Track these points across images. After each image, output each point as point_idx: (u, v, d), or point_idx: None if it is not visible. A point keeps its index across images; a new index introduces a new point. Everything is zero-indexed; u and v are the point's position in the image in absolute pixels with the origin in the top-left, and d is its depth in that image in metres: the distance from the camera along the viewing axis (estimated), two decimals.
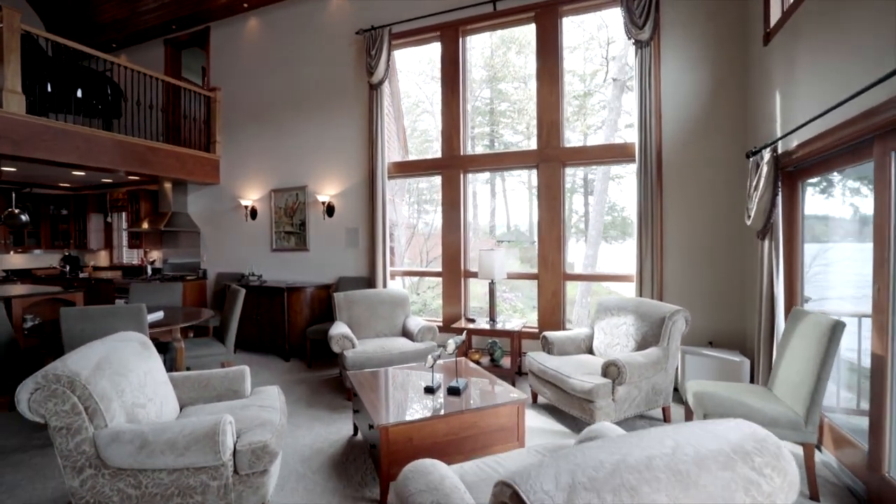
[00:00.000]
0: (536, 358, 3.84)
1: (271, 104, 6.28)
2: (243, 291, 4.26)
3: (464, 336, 3.07)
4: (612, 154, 4.64)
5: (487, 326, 4.59)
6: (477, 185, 10.50)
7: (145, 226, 6.94)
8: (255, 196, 6.39)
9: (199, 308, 5.36)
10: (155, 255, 7.49)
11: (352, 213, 5.67)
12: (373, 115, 5.39)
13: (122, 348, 2.35)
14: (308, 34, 5.99)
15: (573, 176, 9.52)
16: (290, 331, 5.33)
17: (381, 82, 5.34)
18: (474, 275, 5.21)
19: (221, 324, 4.39)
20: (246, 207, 6.35)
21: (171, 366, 3.85)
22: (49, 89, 5.19)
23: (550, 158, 4.78)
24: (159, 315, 4.08)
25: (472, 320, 4.78)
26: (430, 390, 2.93)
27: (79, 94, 5.74)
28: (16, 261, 8.11)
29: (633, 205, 4.39)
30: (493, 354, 4.51)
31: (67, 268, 8.10)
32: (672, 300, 4.26)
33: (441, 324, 5.21)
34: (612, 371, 3.21)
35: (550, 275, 4.78)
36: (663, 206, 4.33)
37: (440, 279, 5.33)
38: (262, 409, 2.56)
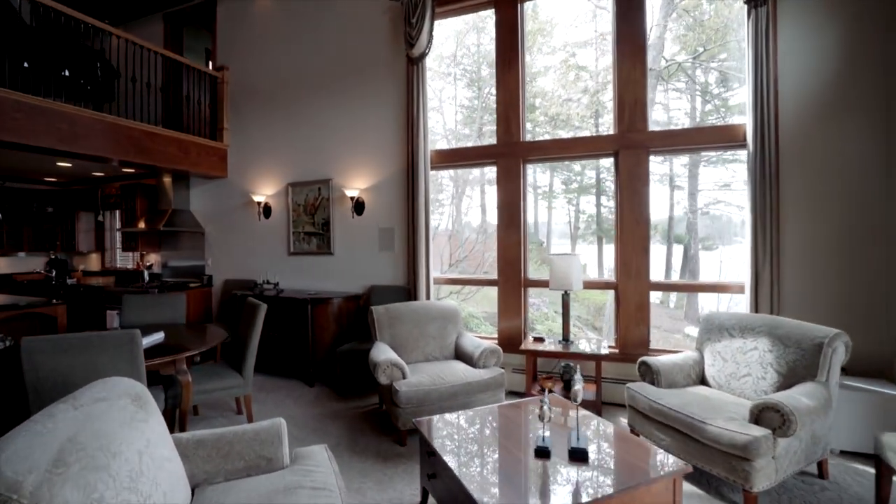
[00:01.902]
0: (643, 391, 3.01)
1: (288, 86, 5.43)
2: (264, 307, 3.40)
3: (578, 371, 2.23)
4: (713, 138, 3.80)
5: (560, 347, 3.75)
6: (484, 185, 9.57)
7: (142, 225, 6.08)
8: (269, 191, 5.53)
9: (207, 325, 4.51)
10: (153, 258, 6.62)
11: (386, 211, 4.82)
12: (413, 93, 4.54)
13: (104, 414, 1.49)
14: (332, 2, 5.14)
15: (580, 175, 8.60)
16: (315, 350, 4.47)
17: (423, 55, 4.50)
18: (536, 284, 4.37)
19: (236, 346, 3.53)
20: (259, 204, 5.49)
21: (174, 405, 2.99)
22: (25, 65, 4.33)
23: (634, 144, 3.95)
24: (159, 337, 3.22)
25: (541, 339, 3.94)
26: (543, 453, 2.08)
27: (65, 73, 4.90)
28: None
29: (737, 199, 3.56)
30: (571, 381, 3.66)
31: (53, 273, 7.21)
32: (790, 315, 3.42)
33: (497, 341, 4.37)
34: (771, 418, 2.38)
35: (634, 284, 3.95)
36: (780, 201, 3.50)
37: (461, 285, 4.47)
38: (317, 495, 1.72)
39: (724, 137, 3.75)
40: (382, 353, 3.44)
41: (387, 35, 4.82)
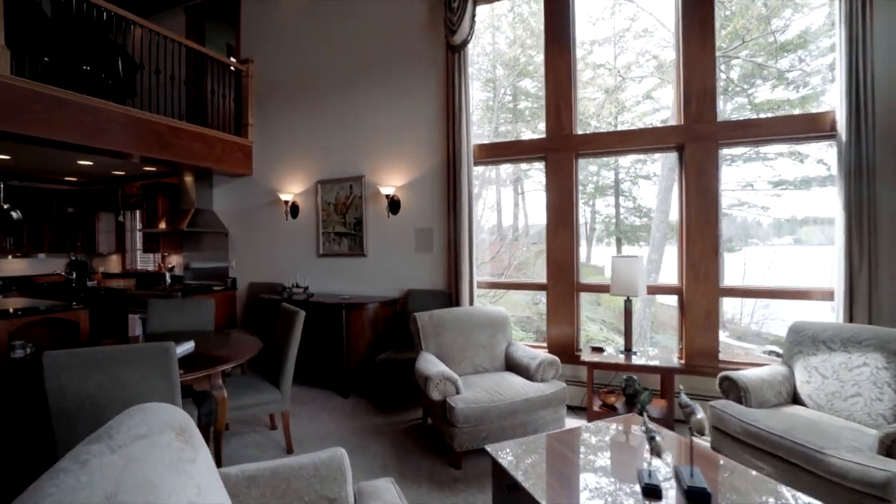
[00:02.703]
0: (732, 411, 2.68)
1: (316, 79, 5.15)
2: (302, 314, 3.11)
3: (683, 394, 1.89)
4: (796, 128, 3.42)
5: (621, 358, 3.41)
6: (500, 186, 9.11)
7: (163, 226, 5.84)
8: (296, 189, 5.25)
9: (231, 331, 4.26)
10: (174, 260, 6.39)
11: (424, 210, 4.51)
12: (453, 84, 4.23)
13: (146, 456, 1.19)
14: None
15: (596, 175, 8.20)
16: (349, 359, 4.17)
17: (465, 42, 4.19)
18: (591, 288, 4.03)
19: (271, 356, 3.24)
20: (286, 203, 5.21)
21: (207, 423, 2.70)
22: (46, 59, 4.10)
23: (702, 137, 3.59)
24: (189, 347, 2.94)
25: (600, 349, 3.60)
26: (652, 492, 1.74)
27: (86, 67, 4.67)
28: (15, 267, 7.05)
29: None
30: (639, 397, 3.31)
31: (74, 275, 7.02)
32: (890, 326, 3.04)
33: (546, 350, 4.04)
34: None
35: (702, 289, 3.59)
36: (877, 197, 3.12)
37: (505, 289, 4.13)
38: None
39: (808, 127, 3.38)
40: (432, 364, 3.12)
41: (424, 23, 4.52)
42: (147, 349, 2.09)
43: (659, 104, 7.62)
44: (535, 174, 9.39)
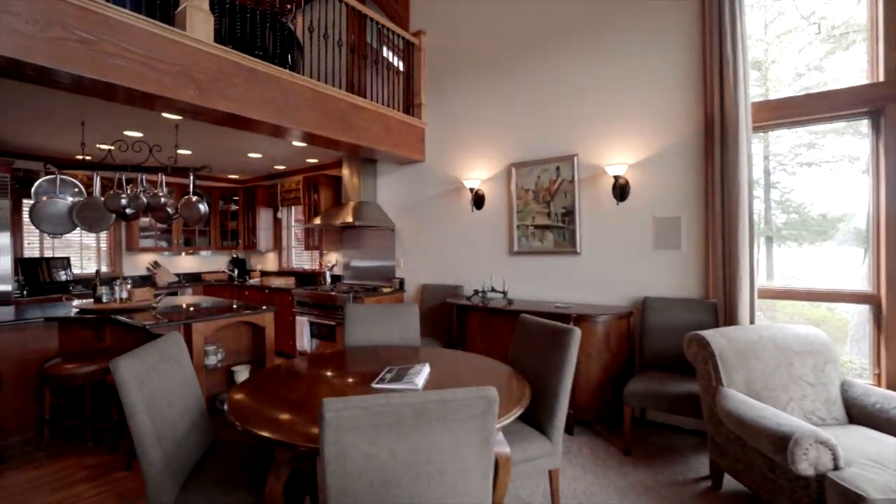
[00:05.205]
0: None
1: (503, 47, 4.31)
2: (578, 333, 2.22)
3: None
4: None
5: None
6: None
7: (317, 220, 5.41)
8: (482, 174, 4.47)
9: (460, 349, 3.54)
10: (333, 257, 6.01)
11: (666, 194, 3.45)
12: (720, 21, 3.11)
13: None
14: None
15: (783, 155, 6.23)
16: (577, 385, 3.26)
17: None
18: None
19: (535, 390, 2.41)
20: (471, 191, 4.45)
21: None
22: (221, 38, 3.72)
23: None
24: (425, 372, 2.21)
25: None
26: None
27: (258, 53, 4.29)
28: (186, 264, 7.23)
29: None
30: None
31: (235, 272, 7.02)
32: None
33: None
34: None
35: None
36: None
37: (802, 300, 2.91)
38: None
39: None
40: (771, 414, 2.07)
41: None
42: (463, 403, 1.30)
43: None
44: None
